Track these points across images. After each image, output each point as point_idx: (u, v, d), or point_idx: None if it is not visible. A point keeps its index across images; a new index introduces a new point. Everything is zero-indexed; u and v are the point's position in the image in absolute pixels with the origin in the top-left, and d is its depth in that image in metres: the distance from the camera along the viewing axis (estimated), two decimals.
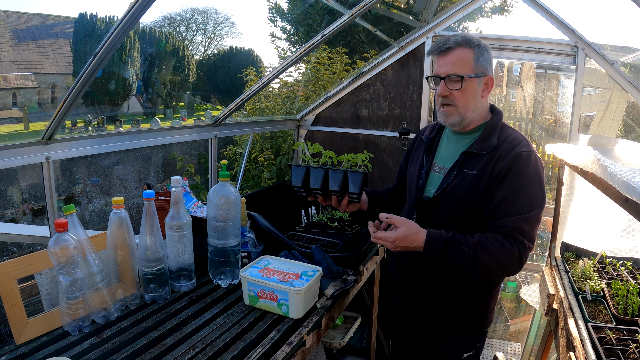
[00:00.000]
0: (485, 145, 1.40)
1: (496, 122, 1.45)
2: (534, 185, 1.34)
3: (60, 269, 1.11)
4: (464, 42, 1.38)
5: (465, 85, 1.38)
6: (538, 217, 1.34)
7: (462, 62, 1.37)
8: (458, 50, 1.38)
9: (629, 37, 6.84)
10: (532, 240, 1.33)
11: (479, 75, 1.39)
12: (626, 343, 1.34)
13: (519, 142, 1.39)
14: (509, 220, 1.31)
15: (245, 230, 1.69)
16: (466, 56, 1.38)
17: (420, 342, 1.62)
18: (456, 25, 3.93)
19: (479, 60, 1.38)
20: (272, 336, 1.20)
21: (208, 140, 2.47)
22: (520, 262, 1.32)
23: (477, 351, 1.57)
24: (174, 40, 21.06)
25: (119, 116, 17.17)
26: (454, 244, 1.31)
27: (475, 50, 1.38)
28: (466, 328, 1.52)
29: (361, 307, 2.54)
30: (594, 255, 2.04)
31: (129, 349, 1.09)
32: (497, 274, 1.42)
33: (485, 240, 1.30)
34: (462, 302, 1.48)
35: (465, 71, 1.37)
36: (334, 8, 2.44)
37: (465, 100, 1.40)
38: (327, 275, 1.54)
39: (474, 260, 1.29)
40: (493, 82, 1.43)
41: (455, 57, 1.38)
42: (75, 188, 6.70)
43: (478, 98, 1.42)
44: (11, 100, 15.62)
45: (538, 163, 1.37)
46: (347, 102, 3.02)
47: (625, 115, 2.98)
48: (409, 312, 1.60)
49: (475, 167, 1.39)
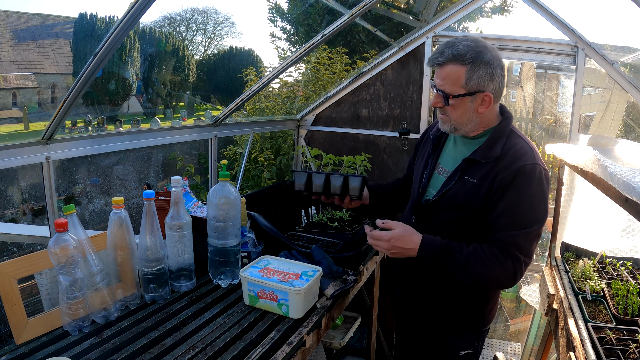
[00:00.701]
0: (488, 153, 1.34)
1: (503, 129, 1.38)
2: (535, 201, 1.29)
3: (60, 269, 1.11)
4: (455, 58, 1.28)
5: (453, 103, 1.32)
6: (538, 232, 1.31)
7: (452, 80, 1.30)
8: (449, 66, 1.30)
9: (629, 37, 6.85)
10: (529, 255, 1.29)
11: (471, 93, 1.30)
12: (626, 343, 1.34)
13: (524, 153, 1.32)
14: (506, 235, 1.28)
15: (245, 230, 1.69)
16: (457, 74, 1.29)
17: (420, 338, 1.63)
18: (456, 25, 3.93)
19: (471, 78, 1.28)
20: (272, 336, 1.20)
21: (208, 140, 2.47)
22: (514, 277, 1.29)
23: (476, 350, 1.57)
24: (174, 40, 21.07)
25: (119, 116, 17.17)
26: (448, 251, 1.31)
27: (469, 67, 1.28)
28: (464, 325, 1.52)
29: (361, 307, 2.54)
30: (594, 255, 2.05)
31: (129, 349, 1.09)
32: (489, 285, 1.41)
33: (480, 251, 1.29)
34: (460, 300, 1.48)
35: (453, 89, 1.31)
36: (334, 8, 2.44)
37: (457, 115, 1.35)
38: (327, 275, 1.54)
39: (466, 270, 1.29)
40: (491, 98, 1.32)
41: (446, 73, 1.31)
42: (75, 188, 6.69)
43: (472, 113, 1.34)
44: (11, 100, 15.61)
45: (542, 176, 1.31)
46: (347, 102, 3.02)
47: (625, 115, 2.98)
48: (409, 308, 1.61)
49: (476, 176, 1.35)
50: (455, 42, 1.31)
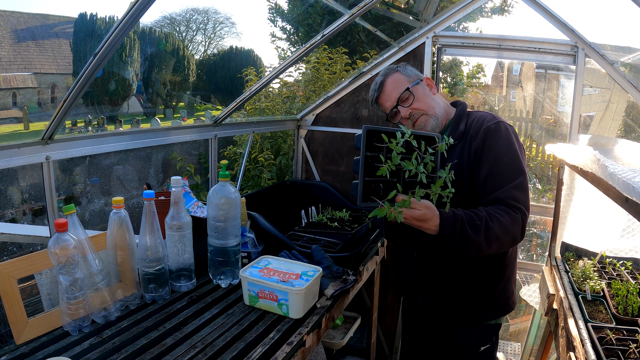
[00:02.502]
0: (455, 134, 1.48)
1: (461, 112, 1.54)
2: (510, 155, 1.39)
3: (60, 269, 1.11)
4: (387, 72, 1.57)
5: (415, 93, 1.51)
6: (524, 183, 1.38)
7: (398, 83, 1.53)
8: (388, 79, 1.55)
9: (629, 37, 6.84)
10: (527, 206, 1.36)
11: (417, 81, 1.54)
12: (626, 343, 1.34)
13: (484, 119, 1.46)
14: (501, 192, 1.35)
15: (245, 230, 1.69)
16: (397, 78, 1.54)
17: (437, 336, 1.63)
18: (456, 25, 3.93)
19: (407, 74, 1.55)
20: (272, 336, 1.20)
21: (208, 140, 2.47)
22: (523, 229, 1.35)
23: (493, 344, 1.59)
24: (174, 40, 21.06)
25: (119, 116, 17.16)
26: (468, 220, 1.31)
27: (400, 70, 1.56)
28: (492, 313, 1.55)
29: (361, 307, 2.54)
30: (594, 255, 2.04)
31: (129, 349, 1.09)
32: (506, 244, 1.38)
33: (493, 212, 1.33)
34: (483, 287, 1.50)
35: (406, 85, 1.52)
36: (334, 8, 2.44)
37: (426, 103, 1.51)
38: (327, 275, 1.54)
39: (487, 234, 1.30)
40: (432, 80, 1.60)
41: (391, 84, 1.54)
42: (75, 188, 6.69)
43: (432, 96, 1.55)
44: (11, 100, 15.61)
45: (509, 130, 1.43)
46: (347, 102, 3.02)
47: (625, 115, 2.98)
48: (432, 310, 1.61)
49: (455, 156, 1.45)
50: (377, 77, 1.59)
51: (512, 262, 1.57)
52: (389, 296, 2.81)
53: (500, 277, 1.53)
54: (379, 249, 2.02)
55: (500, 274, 1.53)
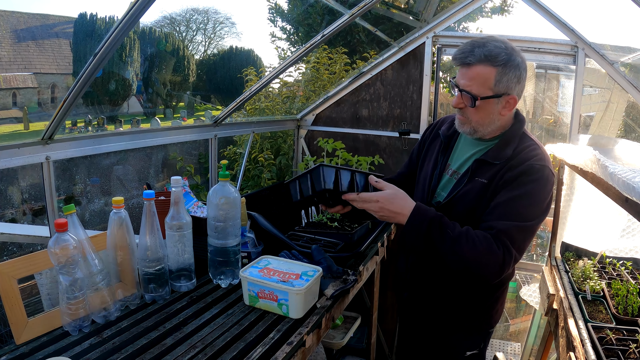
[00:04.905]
0: (500, 154, 1.33)
1: (516, 131, 1.37)
2: (536, 199, 1.27)
3: (60, 269, 1.11)
4: (487, 59, 1.25)
5: (479, 105, 1.29)
6: (533, 229, 1.28)
7: (481, 81, 1.27)
8: (479, 67, 1.26)
9: (629, 37, 6.84)
10: (520, 251, 1.26)
11: (498, 95, 1.28)
12: (626, 343, 1.34)
13: (535, 155, 1.31)
14: (501, 223, 1.24)
15: (245, 230, 1.69)
16: (486, 75, 1.26)
17: (426, 337, 1.63)
18: (456, 25, 3.93)
19: (501, 80, 1.26)
20: (272, 336, 1.20)
21: (208, 140, 2.47)
22: (501, 268, 1.23)
23: (481, 350, 1.57)
24: (174, 40, 21.06)
25: (119, 116, 17.17)
26: (440, 225, 1.26)
27: (499, 69, 1.25)
28: (471, 326, 1.53)
29: (361, 307, 2.54)
30: (594, 255, 2.05)
31: (129, 349, 1.09)
32: (474, 271, 1.28)
33: (473, 234, 1.25)
34: (467, 300, 1.48)
35: (481, 91, 1.27)
36: (334, 8, 2.44)
37: (479, 118, 1.33)
38: (327, 275, 1.54)
39: (453, 247, 1.23)
40: (516, 100, 1.31)
41: (475, 73, 1.27)
42: (75, 188, 6.69)
43: (495, 116, 1.32)
44: (11, 100, 15.61)
45: (550, 180, 1.29)
46: (347, 102, 3.02)
47: (625, 115, 2.98)
48: (416, 308, 1.61)
49: (486, 176, 1.34)
50: (485, 42, 1.27)
51: (504, 285, 1.53)
52: (389, 296, 2.81)
53: (489, 296, 1.49)
54: (379, 249, 2.02)
55: (489, 293, 1.49)
